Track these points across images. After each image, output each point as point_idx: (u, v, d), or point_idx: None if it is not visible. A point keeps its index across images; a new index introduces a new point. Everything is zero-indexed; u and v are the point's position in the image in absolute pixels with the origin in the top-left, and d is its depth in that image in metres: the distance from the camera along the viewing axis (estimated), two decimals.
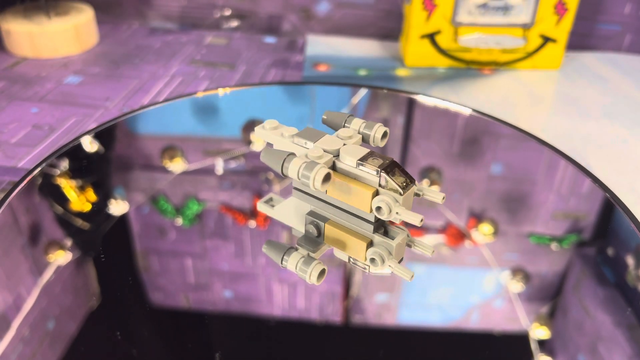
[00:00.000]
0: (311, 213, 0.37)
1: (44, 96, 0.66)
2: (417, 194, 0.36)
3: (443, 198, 0.36)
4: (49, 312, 0.36)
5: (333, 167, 0.35)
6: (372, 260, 0.35)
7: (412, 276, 0.35)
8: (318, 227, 0.37)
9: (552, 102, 0.72)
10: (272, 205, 0.41)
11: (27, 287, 0.37)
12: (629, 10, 0.84)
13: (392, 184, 0.33)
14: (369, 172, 0.34)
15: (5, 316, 0.35)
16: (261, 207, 0.41)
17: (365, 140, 0.37)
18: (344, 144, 0.35)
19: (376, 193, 0.34)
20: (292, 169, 0.33)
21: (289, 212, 0.39)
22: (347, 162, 0.34)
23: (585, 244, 0.47)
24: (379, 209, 0.33)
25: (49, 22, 0.76)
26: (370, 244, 0.36)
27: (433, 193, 0.36)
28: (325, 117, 0.39)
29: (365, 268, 0.36)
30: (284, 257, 0.35)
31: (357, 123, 0.38)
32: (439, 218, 0.48)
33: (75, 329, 0.35)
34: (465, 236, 0.46)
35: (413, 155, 0.58)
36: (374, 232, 0.35)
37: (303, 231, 0.38)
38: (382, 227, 0.36)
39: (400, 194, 0.33)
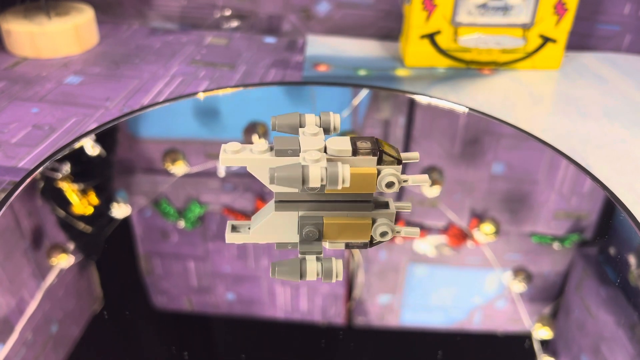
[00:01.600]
0: (304, 217, 0.37)
1: (44, 96, 0.66)
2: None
3: (427, 182, 0.37)
4: (52, 316, 0.36)
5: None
6: (384, 233, 0.36)
7: (419, 232, 0.37)
8: (317, 227, 0.36)
9: (552, 102, 0.72)
10: (241, 231, 0.38)
11: (30, 290, 0.37)
12: (628, 11, 0.84)
13: (390, 157, 0.35)
14: (366, 155, 0.34)
15: (8, 320, 0.35)
16: (231, 238, 0.38)
17: (325, 132, 0.37)
18: (325, 139, 0.35)
19: (378, 172, 0.35)
20: (315, 177, 0.33)
21: (273, 228, 0.38)
22: (343, 153, 0.35)
23: (587, 243, 0.47)
24: (390, 184, 0.34)
25: (49, 22, 0.76)
26: (373, 221, 0.36)
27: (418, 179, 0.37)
28: (276, 121, 0.37)
29: (364, 245, 0.37)
30: (302, 273, 0.35)
31: (311, 117, 0.37)
32: (440, 218, 0.48)
33: (79, 332, 0.35)
34: (467, 236, 0.46)
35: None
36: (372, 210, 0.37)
37: (293, 241, 0.38)
38: (373, 203, 0.37)
39: (399, 163, 0.35)
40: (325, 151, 0.35)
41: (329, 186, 0.33)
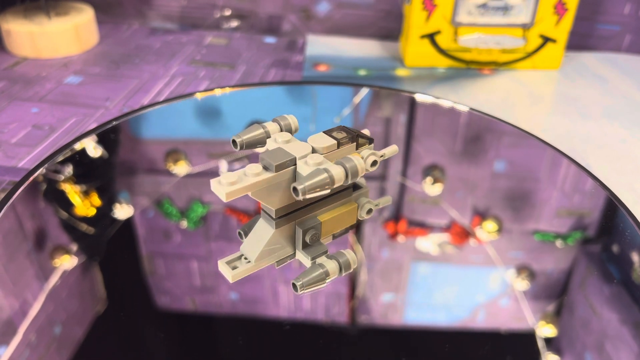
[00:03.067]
0: (302, 224, 0.36)
1: (44, 96, 0.66)
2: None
3: (397, 151, 0.38)
4: (56, 317, 0.36)
5: None
6: (369, 210, 0.39)
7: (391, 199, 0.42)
8: (317, 228, 0.37)
9: (552, 102, 0.72)
10: (240, 265, 0.36)
11: (34, 292, 0.37)
12: (628, 11, 0.84)
13: (364, 139, 0.37)
14: (347, 144, 0.36)
15: (12, 321, 0.35)
16: (237, 275, 0.36)
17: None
18: (306, 141, 0.36)
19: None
20: (340, 177, 0.33)
21: (274, 248, 0.37)
22: (330, 149, 0.35)
23: (590, 241, 0.47)
24: (374, 163, 0.36)
25: (49, 22, 0.76)
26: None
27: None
28: (242, 141, 0.36)
29: (349, 229, 0.39)
30: (325, 277, 0.35)
31: (273, 125, 0.37)
32: (443, 217, 0.48)
33: (82, 333, 0.35)
34: (470, 234, 0.46)
35: (416, 153, 0.58)
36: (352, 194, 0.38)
37: (290, 253, 0.37)
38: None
39: (372, 142, 0.37)
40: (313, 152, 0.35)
41: (351, 180, 0.33)
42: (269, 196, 0.34)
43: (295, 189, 0.32)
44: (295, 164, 0.34)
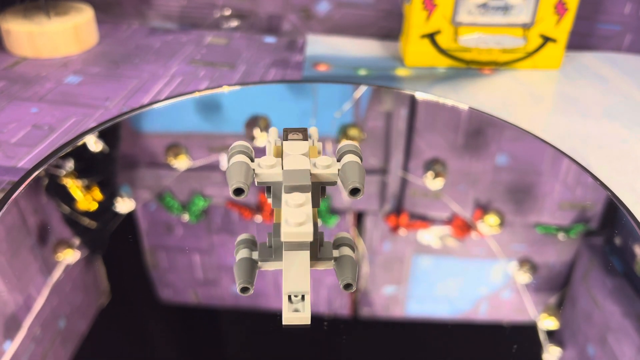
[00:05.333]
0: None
1: (44, 96, 0.66)
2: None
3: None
4: (60, 311, 0.36)
5: None
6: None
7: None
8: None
9: (552, 102, 0.72)
10: (299, 307, 0.34)
11: (37, 286, 0.37)
12: (629, 10, 0.84)
13: (306, 132, 0.37)
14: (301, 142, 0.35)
15: (16, 316, 0.35)
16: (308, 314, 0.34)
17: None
18: (281, 157, 0.35)
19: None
20: (363, 176, 0.33)
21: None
22: (308, 153, 0.35)
23: (593, 233, 0.47)
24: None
25: (48, 22, 0.76)
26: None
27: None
28: (243, 184, 0.32)
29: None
30: (356, 263, 0.35)
31: (245, 155, 0.35)
32: (444, 210, 0.48)
33: (86, 327, 0.35)
34: (472, 228, 0.46)
35: (417, 147, 0.58)
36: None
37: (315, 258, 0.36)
38: None
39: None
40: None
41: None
42: None
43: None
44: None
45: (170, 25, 0.90)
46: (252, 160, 0.34)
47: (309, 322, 0.33)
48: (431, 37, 0.77)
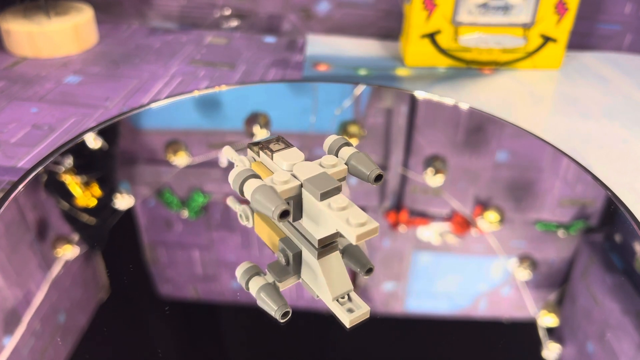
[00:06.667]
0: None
1: (44, 96, 0.66)
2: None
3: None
4: (59, 306, 0.36)
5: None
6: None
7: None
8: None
9: (553, 102, 0.72)
10: (352, 306, 0.34)
11: (37, 282, 0.37)
12: (629, 10, 0.84)
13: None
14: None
15: (16, 311, 0.35)
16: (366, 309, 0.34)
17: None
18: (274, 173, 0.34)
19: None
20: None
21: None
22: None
23: (593, 230, 0.47)
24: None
25: (48, 22, 0.76)
26: None
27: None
28: (278, 211, 0.31)
29: None
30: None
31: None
32: (444, 207, 0.48)
33: (86, 321, 0.35)
34: (471, 224, 0.46)
35: (417, 144, 0.58)
36: None
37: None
38: None
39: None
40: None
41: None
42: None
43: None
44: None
45: (170, 25, 0.90)
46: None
47: (368, 315, 0.33)
48: (431, 37, 0.77)
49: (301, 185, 0.32)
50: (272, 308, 0.33)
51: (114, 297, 0.37)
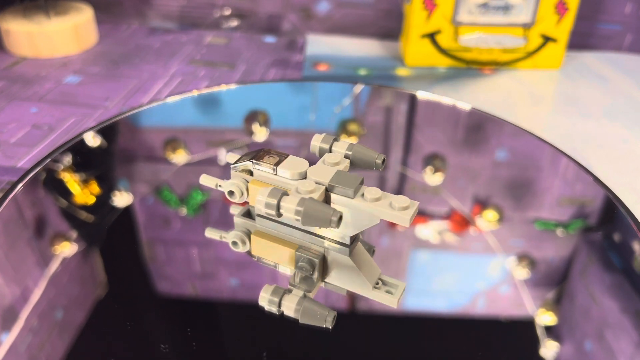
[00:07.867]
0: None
1: (44, 96, 0.66)
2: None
3: None
4: (57, 303, 0.36)
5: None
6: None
7: None
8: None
9: (553, 102, 0.72)
10: (390, 288, 0.35)
11: (35, 279, 0.37)
12: (629, 10, 0.84)
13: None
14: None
15: (13, 308, 0.35)
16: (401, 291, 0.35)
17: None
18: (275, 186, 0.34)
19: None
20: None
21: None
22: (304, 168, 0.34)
23: (592, 229, 0.47)
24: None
25: (48, 22, 0.76)
26: None
27: None
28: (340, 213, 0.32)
29: None
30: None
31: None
32: (443, 205, 0.48)
33: (83, 318, 0.35)
34: (470, 223, 0.46)
35: (416, 142, 0.58)
36: None
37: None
38: None
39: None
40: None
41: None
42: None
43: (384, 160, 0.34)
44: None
45: (170, 25, 0.90)
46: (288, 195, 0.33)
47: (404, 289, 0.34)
48: (431, 36, 0.77)
49: (326, 189, 0.32)
50: (322, 315, 0.33)
51: (112, 294, 0.37)
